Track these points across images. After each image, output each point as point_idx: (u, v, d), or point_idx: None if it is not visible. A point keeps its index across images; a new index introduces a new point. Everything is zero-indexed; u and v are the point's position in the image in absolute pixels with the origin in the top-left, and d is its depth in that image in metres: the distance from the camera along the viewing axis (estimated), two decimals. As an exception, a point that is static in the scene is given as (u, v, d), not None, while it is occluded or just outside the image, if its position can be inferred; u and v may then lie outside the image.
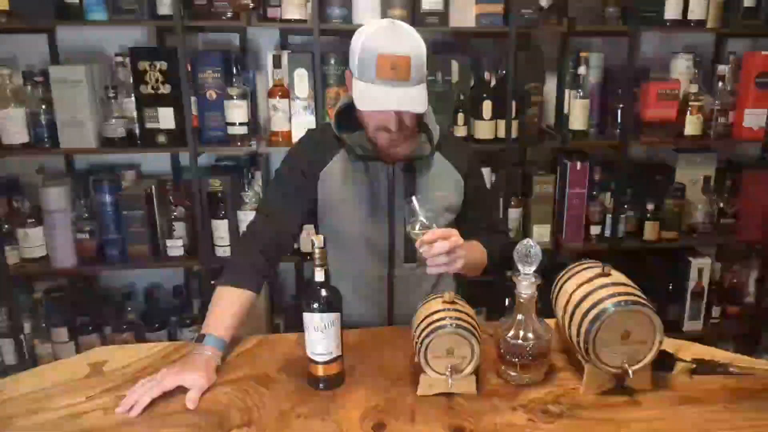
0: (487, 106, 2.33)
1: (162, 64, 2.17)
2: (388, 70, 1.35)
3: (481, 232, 1.68)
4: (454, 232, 1.36)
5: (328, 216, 1.59)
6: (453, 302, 1.32)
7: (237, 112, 2.23)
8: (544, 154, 2.76)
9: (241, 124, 2.25)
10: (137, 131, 2.26)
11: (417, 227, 1.35)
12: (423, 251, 1.33)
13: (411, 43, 1.38)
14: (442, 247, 1.31)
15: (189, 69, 2.21)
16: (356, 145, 1.53)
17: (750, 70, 2.46)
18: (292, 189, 1.56)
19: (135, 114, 2.25)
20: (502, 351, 1.32)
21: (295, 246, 2.43)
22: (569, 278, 1.37)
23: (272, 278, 2.63)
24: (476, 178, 1.66)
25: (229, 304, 1.43)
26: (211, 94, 2.26)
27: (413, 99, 1.38)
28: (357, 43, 1.40)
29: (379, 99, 1.37)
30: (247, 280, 1.47)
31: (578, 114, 2.40)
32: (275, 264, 1.56)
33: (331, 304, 1.27)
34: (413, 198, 1.37)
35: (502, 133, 2.37)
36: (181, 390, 1.28)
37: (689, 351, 1.45)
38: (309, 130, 1.66)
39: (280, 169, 1.61)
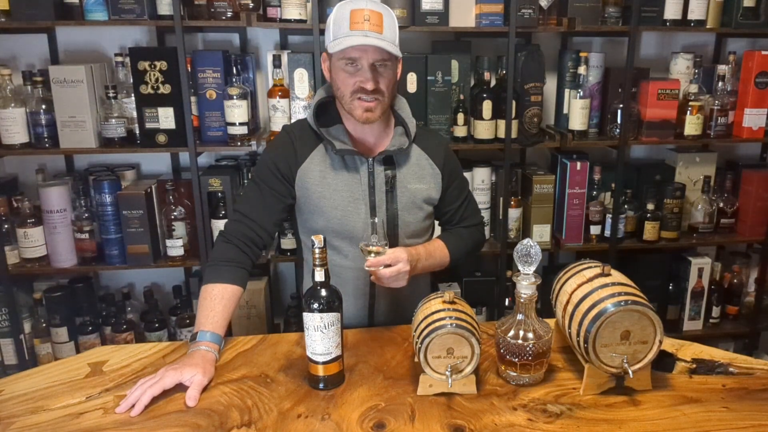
0: (487, 106, 2.33)
1: (162, 64, 2.17)
2: (361, 22, 1.41)
3: (458, 225, 1.72)
4: (402, 257, 1.45)
5: (308, 211, 1.60)
6: (453, 302, 1.33)
7: (237, 112, 2.23)
8: (544, 154, 2.76)
9: (241, 124, 2.25)
10: (137, 131, 2.26)
11: (371, 245, 1.42)
12: (369, 269, 1.44)
13: (384, 8, 1.45)
14: (384, 272, 1.44)
15: (189, 69, 2.21)
16: (335, 138, 1.54)
17: (750, 70, 2.46)
18: (267, 189, 1.57)
19: (135, 114, 2.25)
20: (502, 351, 1.32)
21: (296, 246, 2.43)
22: (569, 278, 1.38)
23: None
24: (453, 171, 1.67)
25: (217, 300, 1.46)
26: (211, 94, 2.26)
27: (387, 45, 1.42)
28: (330, 14, 1.49)
29: (354, 40, 1.41)
30: (231, 276, 1.51)
31: (578, 114, 2.40)
32: (254, 260, 1.59)
33: (331, 304, 1.27)
34: (376, 219, 1.42)
35: (502, 133, 2.37)
36: (181, 389, 1.29)
37: (689, 351, 1.45)
38: (285, 127, 1.65)
39: (257, 167, 1.62)
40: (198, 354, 1.36)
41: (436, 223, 1.77)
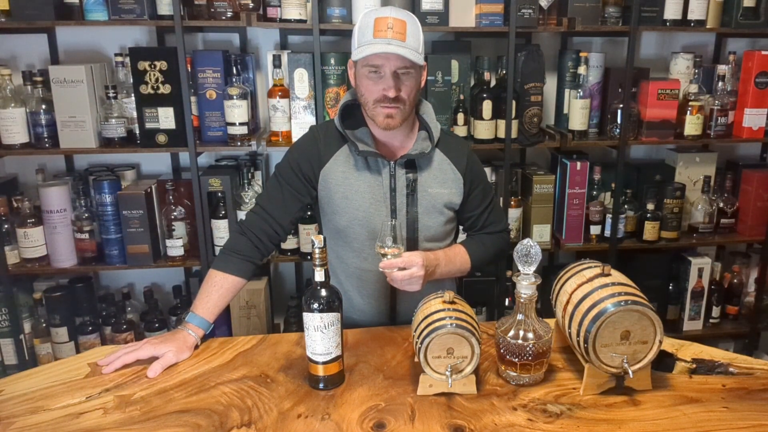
0: (487, 106, 2.33)
1: (162, 64, 2.17)
2: (384, 30, 1.42)
3: (481, 231, 1.71)
4: (416, 261, 1.45)
5: (331, 211, 1.61)
6: (453, 302, 1.32)
7: (237, 112, 2.23)
8: (544, 154, 2.76)
9: (241, 124, 2.25)
10: (137, 131, 2.26)
11: (387, 246, 1.42)
12: (383, 271, 1.46)
13: (408, 15, 1.47)
14: (398, 275, 1.45)
15: (189, 69, 2.21)
16: (359, 140, 1.55)
17: (750, 70, 2.46)
18: (287, 187, 1.60)
19: (135, 114, 2.25)
20: (502, 351, 1.32)
21: (296, 246, 2.43)
22: (569, 278, 1.38)
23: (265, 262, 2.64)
24: (476, 177, 1.67)
25: (215, 288, 1.53)
26: (211, 94, 2.26)
27: (409, 53, 1.43)
28: (356, 22, 1.50)
29: (377, 47, 1.42)
30: (236, 267, 1.56)
31: (578, 114, 2.40)
32: (266, 253, 1.63)
33: (331, 304, 1.27)
34: (394, 221, 1.43)
35: (502, 133, 2.37)
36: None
37: (689, 351, 1.45)
38: (312, 127, 1.68)
39: (280, 164, 1.64)
40: (181, 335, 1.46)
41: (460, 228, 1.78)
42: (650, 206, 2.53)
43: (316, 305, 1.26)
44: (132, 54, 2.17)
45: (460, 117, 2.36)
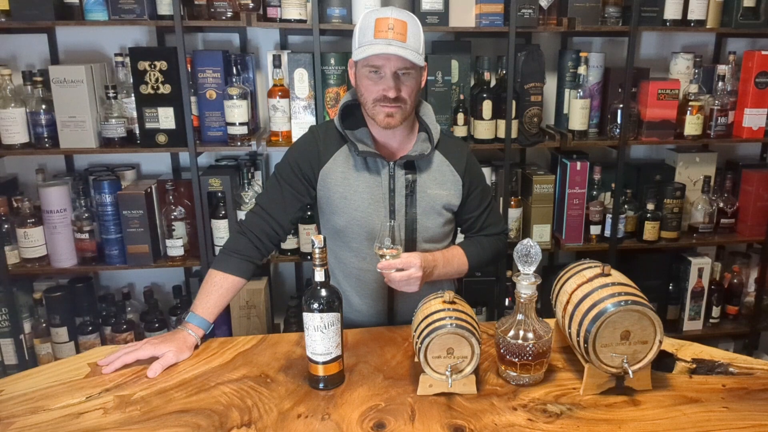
0: (487, 106, 2.33)
1: (162, 64, 2.17)
2: (385, 30, 1.42)
3: (479, 233, 1.71)
4: (415, 262, 1.46)
5: (329, 211, 1.62)
6: (453, 302, 1.33)
7: (237, 112, 2.23)
8: (544, 154, 2.76)
9: (241, 124, 2.25)
10: (137, 131, 2.26)
11: (385, 246, 1.43)
12: (381, 272, 1.46)
13: (409, 16, 1.47)
14: (396, 276, 1.45)
15: (189, 69, 2.21)
16: (359, 141, 1.55)
17: (750, 69, 2.46)
18: (287, 186, 1.60)
19: (135, 114, 2.25)
20: (502, 351, 1.32)
21: (296, 246, 2.43)
22: (569, 278, 1.38)
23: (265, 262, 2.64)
24: (475, 179, 1.67)
25: (215, 288, 1.53)
26: (211, 94, 2.26)
27: (409, 54, 1.43)
28: (357, 22, 1.50)
29: (377, 48, 1.42)
30: (236, 267, 1.56)
31: (578, 114, 2.40)
32: (266, 253, 1.63)
33: (331, 304, 1.27)
34: (393, 222, 1.44)
35: (502, 133, 2.37)
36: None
37: (689, 351, 1.45)
38: (312, 127, 1.69)
39: (280, 164, 1.64)
40: (181, 335, 1.46)
41: (458, 230, 1.78)
42: (650, 206, 2.53)
43: (316, 305, 1.26)
44: (132, 54, 2.17)
45: (460, 117, 2.36)
